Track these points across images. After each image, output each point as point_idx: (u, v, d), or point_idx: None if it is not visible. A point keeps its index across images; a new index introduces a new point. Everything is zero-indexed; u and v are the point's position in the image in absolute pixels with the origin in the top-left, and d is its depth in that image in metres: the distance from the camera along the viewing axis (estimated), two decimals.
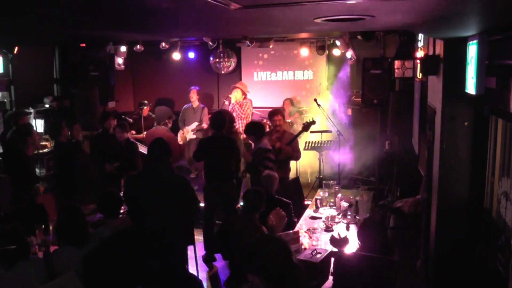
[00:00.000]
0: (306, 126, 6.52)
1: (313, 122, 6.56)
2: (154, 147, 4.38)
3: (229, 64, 9.69)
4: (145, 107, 8.92)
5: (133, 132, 8.92)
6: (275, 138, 6.29)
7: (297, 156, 6.44)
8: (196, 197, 4.51)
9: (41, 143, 7.03)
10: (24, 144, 5.53)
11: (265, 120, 7.79)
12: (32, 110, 7.33)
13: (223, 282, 4.27)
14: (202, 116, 8.69)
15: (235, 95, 8.23)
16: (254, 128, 5.92)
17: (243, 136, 7.67)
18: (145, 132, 8.61)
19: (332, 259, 3.92)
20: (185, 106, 8.87)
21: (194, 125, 8.63)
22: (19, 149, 5.54)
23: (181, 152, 8.93)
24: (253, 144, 6.14)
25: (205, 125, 8.52)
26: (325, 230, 4.70)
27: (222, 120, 5.87)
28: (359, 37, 7.68)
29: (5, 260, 3.26)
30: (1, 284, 3.23)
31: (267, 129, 6.91)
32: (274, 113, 6.44)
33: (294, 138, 6.31)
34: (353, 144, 7.69)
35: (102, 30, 4.13)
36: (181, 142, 8.71)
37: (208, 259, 5.67)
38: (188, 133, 8.60)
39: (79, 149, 6.36)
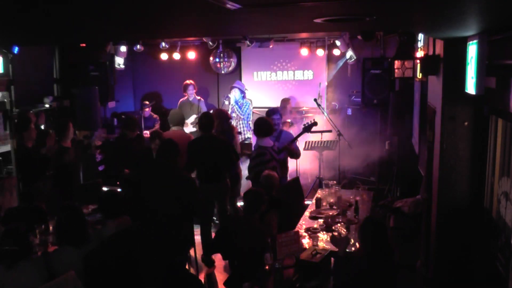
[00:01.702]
0: (308, 127, 6.49)
1: (315, 123, 6.53)
2: (163, 146, 4.43)
3: (229, 64, 9.69)
4: (147, 108, 8.94)
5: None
6: (272, 137, 6.29)
7: (298, 154, 6.43)
8: (199, 200, 4.50)
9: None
10: (22, 139, 5.88)
11: None
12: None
13: (223, 282, 4.28)
14: (200, 109, 8.69)
15: (234, 95, 8.23)
16: (256, 124, 5.92)
17: (241, 136, 7.69)
18: (146, 132, 8.63)
19: (332, 259, 3.93)
20: (181, 100, 8.89)
21: (193, 118, 8.62)
22: (20, 143, 5.88)
23: None
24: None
25: None
26: (325, 230, 4.69)
27: (209, 121, 5.87)
28: (359, 37, 7.68)
29: (6, 260, 3.27)
30: (2, 284, 3.23)
31: None
32: (273, 111, 6.42)
33: (295, 139, 6.29)
34: (353, 144, 7.68)
35: (102, 30, 4.13)
36: None
37: (206, 261, 5.66)
38: (187, 126, 8.58)
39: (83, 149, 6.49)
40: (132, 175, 6.04)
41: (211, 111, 6.93)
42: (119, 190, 5.57)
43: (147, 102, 9.06)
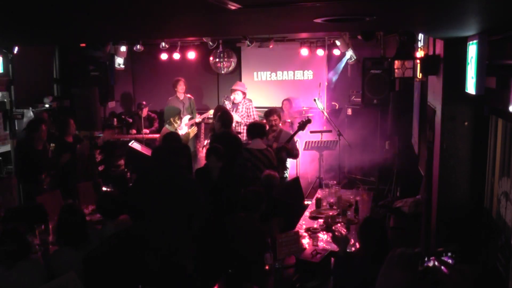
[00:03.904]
0: (302, 125, 6.51)
1: (308, 121, 6.55)
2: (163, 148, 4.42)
3: (229, 64, 9.68)
4: (144, 108, 8.91)
5: (134, 131, 8.94)
6: (271, 137, 6.30)
7: (296, 154, 6.43)
8: (202, 205, 4.41)
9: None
10: (31, 140, 5.92)
11: (264, 121, 7.77)
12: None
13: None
14: (193, 109, 8.62)
15: (237, 98, 8.18)
16: (249, 127, 5.98)
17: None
18: (145, 130, 8.63)
19: (332, 259, 3.93)
20: (170, 98, 8.70)
21: (187, 118, 8.45)
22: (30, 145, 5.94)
23: None
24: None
25: (199, 119, 8.46)
26: (325, 230, 4.70)
27: (230, 118, 6.01)
28: (359, 37, 7.68)
29: (6, 260, 3.26)
30: (2, 284, 3.23)
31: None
32: (270, 112, 6.45)
33: (291, 137, 6.29)
34: (353, 144, 7.68)
35: (102, 30, 4.13)
36: None
37: None
38: (181, 128, 8.48)
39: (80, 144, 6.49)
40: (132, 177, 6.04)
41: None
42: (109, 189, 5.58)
43: (144, 103, 9.03)
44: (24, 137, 6.24)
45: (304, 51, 9.06)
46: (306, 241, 4.42)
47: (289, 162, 6.62)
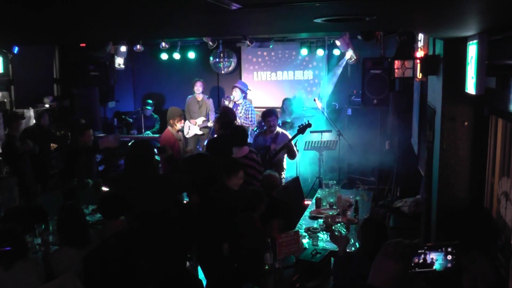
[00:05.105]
0: (302, 129, 6.41)
1: (308, 125, 6.49)
2: (131, 150, 4.27)
3: (229, 64, 9.69)
4: (150, 108, 8.88)
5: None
6: (269, 138, 6.27)
7: (292, 156, 6.36)
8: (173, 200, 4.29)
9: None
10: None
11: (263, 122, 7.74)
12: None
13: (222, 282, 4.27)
14: (209, 110, 8.62)
15: (235, 95, 8.18)
16: (231, 133, 5.63)
17: None
18: (147, 132, 8.62)
19: (332, 259, 3.93)
20: (189, 97, 8.71)
21: (200, 120, 8.45)
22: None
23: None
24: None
25: (210, 123, 8.45)
26: (325, 230, 4.70)
27: (229, 119, 5.90)
28: (359, 37, 7.68)
29: (4, 260, 3.26)
30: (0, 284, 3.23)
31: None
32: (268, 113, 6.36)
33: (288, 142, 6.23)
34: (353, 144, 7.68)
35: (102, 30, 4.13)
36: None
37: None
38: (195, 125, 8.47)
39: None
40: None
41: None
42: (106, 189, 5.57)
43: (150, 101, 9.00)
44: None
45: (304, 51, 9.06)
46: (306, 241, 4.42)
47: (289, 162, 6.59)
